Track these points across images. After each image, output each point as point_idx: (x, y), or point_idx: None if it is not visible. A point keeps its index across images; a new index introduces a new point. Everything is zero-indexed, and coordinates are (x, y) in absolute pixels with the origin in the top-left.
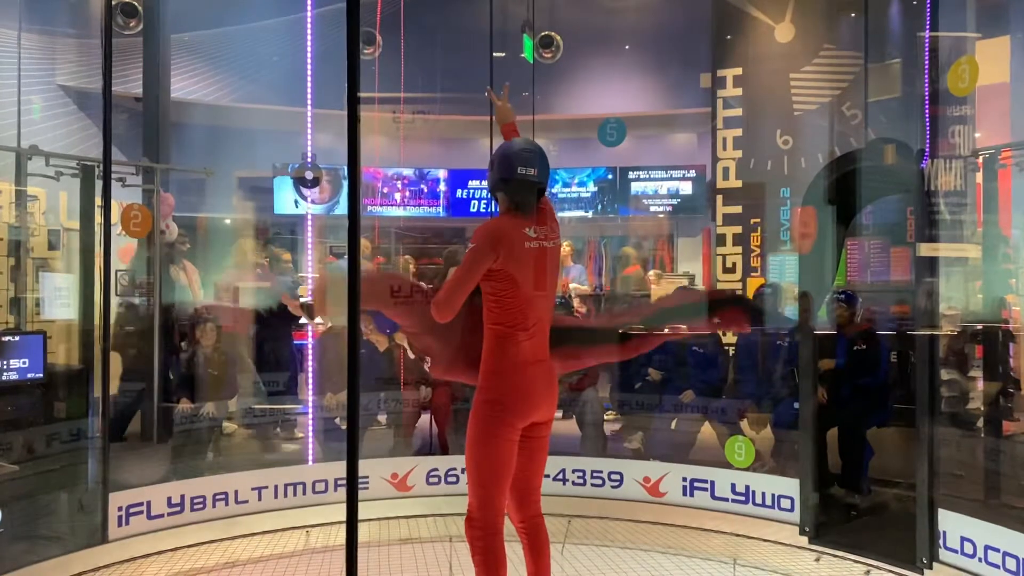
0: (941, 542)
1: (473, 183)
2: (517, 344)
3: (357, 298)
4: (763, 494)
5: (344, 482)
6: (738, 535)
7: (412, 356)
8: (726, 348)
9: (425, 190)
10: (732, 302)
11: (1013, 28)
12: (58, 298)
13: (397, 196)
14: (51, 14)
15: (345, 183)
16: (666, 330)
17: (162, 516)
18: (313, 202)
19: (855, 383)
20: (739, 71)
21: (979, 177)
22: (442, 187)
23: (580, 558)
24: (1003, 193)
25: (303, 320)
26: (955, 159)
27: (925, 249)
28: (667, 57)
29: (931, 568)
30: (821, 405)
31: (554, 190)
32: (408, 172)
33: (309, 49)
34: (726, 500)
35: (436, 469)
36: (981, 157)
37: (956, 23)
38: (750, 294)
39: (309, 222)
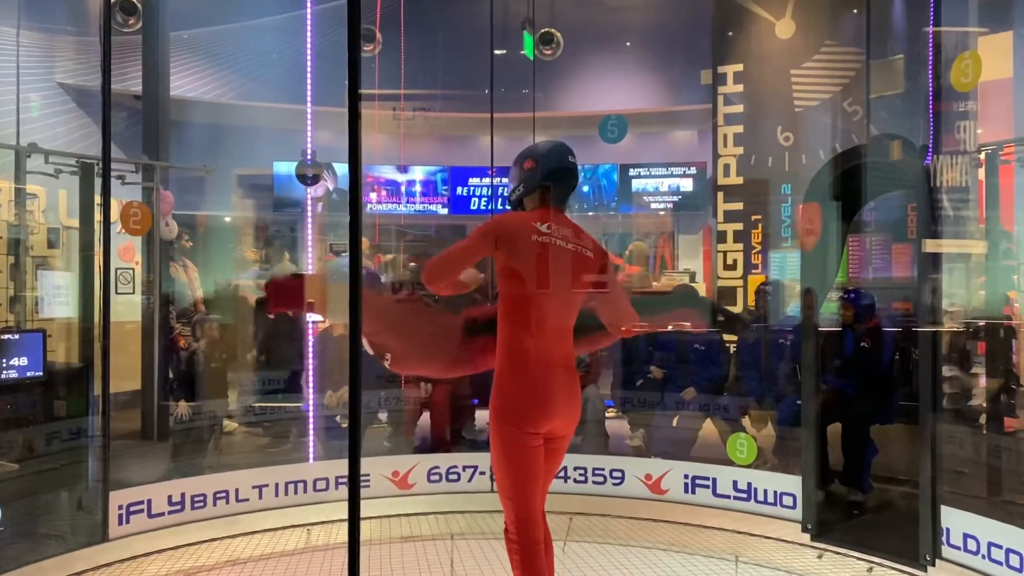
0: (944, 539)
1: (473, 180)
2: (528, 347)
3: (359, 296)
4: (765, 491)
5: (345, 480)
6: (740, 532)
7: (371, 353)
8: (727, 345)
9: (403, 191)
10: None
11: (1016, 23)
12: (57, 296)
13: (373, 195)
14: (50, 12)
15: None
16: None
17: (163, 514)
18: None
19: (859, 380)
20: (740, 67)
21: (981, 173)
22: (418, 187)
23: (582, 556)
24: (1005, 189)
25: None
26: (959, 155)
27: (931, 245)
28: (668, 54)
29: (934, 565)
30: (825, 402)
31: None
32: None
33: (309, 46)
34: (728, 497)
35: (437, 467)
36: (984, 153)
37: (959, 18)
38: (751, 291)
39: (309, 219)
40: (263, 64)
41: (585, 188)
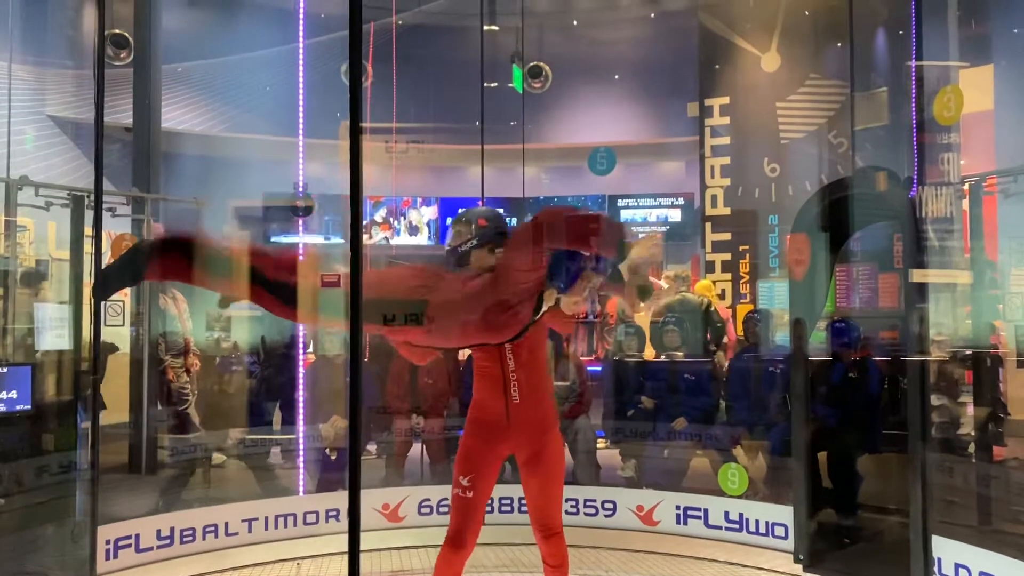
0: (936, 569)
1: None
2: None
3: (359, 323)
4: (757, 522)
5: (335, 513)
6: (732, 563)
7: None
8: (719, 375)
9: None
10: None
11: (996, 57)
12: (47, 329)
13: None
14: (42, 46)
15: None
16: None
17: (151, 549)
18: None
19: (845, 411)
20: (726, 100)
21: (965, 204)
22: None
23: None
24: (988, 219)
25: None
26: (943, 186)
27: (917, 275)
28: (655, 87)
29: None
30: (814, 432)
31: None
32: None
33: (301, 79)
34: (720, 528)
35: (428, 499)
36: (967, 184)
37: (941, 52)
38: (739, 321)
39: (300, 251)
40: (254, 97)
41: None
